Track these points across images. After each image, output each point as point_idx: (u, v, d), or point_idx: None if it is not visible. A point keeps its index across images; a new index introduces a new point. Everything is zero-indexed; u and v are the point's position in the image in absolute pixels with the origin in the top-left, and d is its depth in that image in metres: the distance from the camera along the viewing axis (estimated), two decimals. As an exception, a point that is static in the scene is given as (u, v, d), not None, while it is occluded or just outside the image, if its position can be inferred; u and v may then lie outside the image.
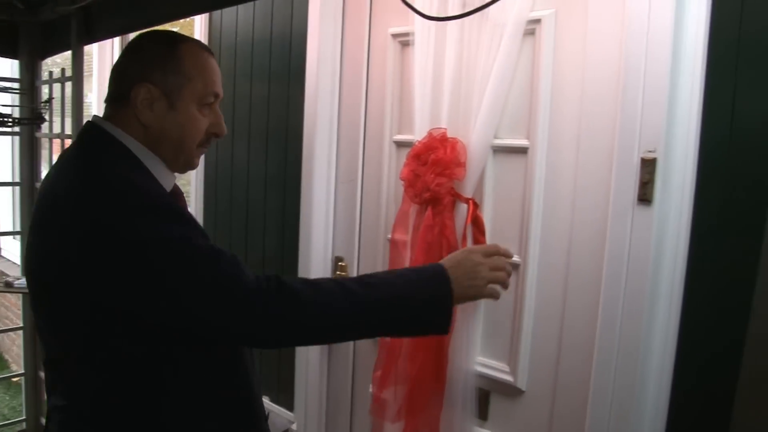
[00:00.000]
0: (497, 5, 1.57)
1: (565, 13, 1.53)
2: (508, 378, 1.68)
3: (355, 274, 2.09)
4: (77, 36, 2.31)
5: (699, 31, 1.29)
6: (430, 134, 1.70)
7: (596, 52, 1.46)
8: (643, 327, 1.36)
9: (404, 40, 1.87)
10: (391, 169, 1.96)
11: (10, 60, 2.95)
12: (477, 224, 1.66)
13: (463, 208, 1.67)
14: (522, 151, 1.62)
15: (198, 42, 1.16)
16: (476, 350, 1.74)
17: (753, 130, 1.25)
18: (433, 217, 1.67)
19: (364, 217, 2.09)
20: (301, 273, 2.16)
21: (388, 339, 1.79)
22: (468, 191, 1.66)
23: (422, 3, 1.68)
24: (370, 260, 2.07)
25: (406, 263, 1.77)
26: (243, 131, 2.48)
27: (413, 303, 1.04)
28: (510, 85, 1.60)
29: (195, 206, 2.76)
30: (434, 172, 1.64)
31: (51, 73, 2.67)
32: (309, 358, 2.17)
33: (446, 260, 1.11)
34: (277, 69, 2.32)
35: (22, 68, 2.61)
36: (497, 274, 1.11)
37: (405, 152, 1.79)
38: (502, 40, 1.57)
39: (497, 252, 1.13)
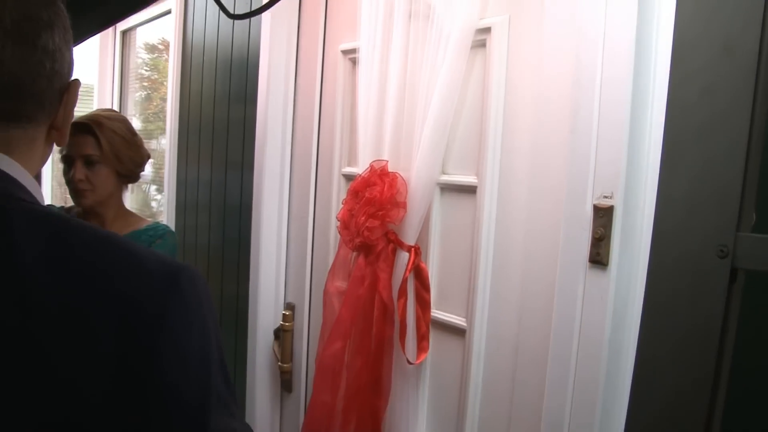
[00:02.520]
0: (443, 9, 1.31)
1: (519, 20, 1.24)
2: (457, 465, 1.36)
3: (305, 325, 1.82)
4: None
5: (667, 42, 0.97)
6: (371, 167, 1.43)
7: (552, 70, 1.16)
8: (597, 415, 1.04)
9: (354, 57, 1.61)
10: (339, 207, 1.67)
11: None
12: (419, 277, 1.37)
13: (405, 257, 1.38)
14: (470, 189, 1.32)
15: None
16: (417, 426, 1.43)
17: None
18: (364, 267, 1.39)
19: (315, 260, 1.81)
20: (250, 322, 1.91)
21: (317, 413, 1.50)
22: (410, 236, 1.37)
23: (371, 12, 1.45)
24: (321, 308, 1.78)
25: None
26: (206, 158, 2.28)
27: None
28: (454, 107, 1.30)
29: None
30: (366, 213, 1.36)
31: None
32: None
33: None
34: (237, 92, 2.10)
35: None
36: None
37: (352, 187, 1.52)
38: (447, 53, 1.28)
39: None
